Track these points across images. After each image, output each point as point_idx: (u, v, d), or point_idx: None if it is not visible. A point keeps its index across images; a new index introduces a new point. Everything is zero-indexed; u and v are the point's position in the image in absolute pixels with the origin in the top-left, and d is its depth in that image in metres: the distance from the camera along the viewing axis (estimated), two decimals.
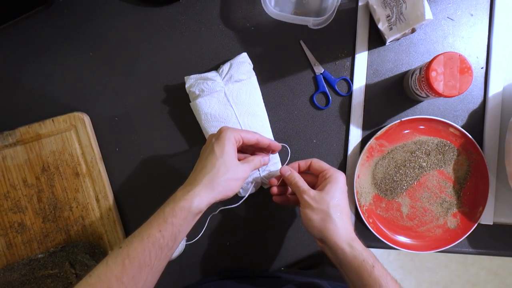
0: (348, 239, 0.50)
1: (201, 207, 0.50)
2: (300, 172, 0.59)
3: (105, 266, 0.45)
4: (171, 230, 0.47)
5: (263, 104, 0.65)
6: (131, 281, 0.45)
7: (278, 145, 0.59)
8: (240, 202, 0.61)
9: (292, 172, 0.57)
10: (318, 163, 0.58)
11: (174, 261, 0.65)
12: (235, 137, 0.53)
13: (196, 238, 0.63)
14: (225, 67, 0.63)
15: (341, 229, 0.51)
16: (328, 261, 0.83)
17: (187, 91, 0.64)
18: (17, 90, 0.67)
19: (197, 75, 0.63)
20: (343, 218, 0.52)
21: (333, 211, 0.52)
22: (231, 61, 0.63)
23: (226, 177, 0.51)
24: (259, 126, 0.64)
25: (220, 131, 0.53)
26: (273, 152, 0.60)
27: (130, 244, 0.46)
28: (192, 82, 0.63)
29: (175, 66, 0.67)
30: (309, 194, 0.54)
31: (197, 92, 0.62)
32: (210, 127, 0.63)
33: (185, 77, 0.64)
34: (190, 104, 0.64)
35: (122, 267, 0.45)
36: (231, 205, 0.61)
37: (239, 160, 0.54)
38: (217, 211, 0.64)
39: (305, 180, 0.57)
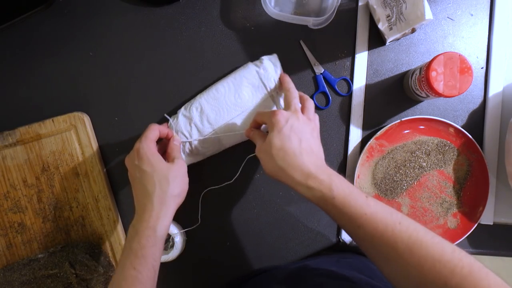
0: (301, 180, 0.47)
1: (166, 227, 0.51)
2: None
3: None
4: (145, 262, 0.48)
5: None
6: None
7: (170, 132, 0.60)
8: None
9: (250, 130, 0.58)
10: (261, 115, 0.55)
11: (174, 262, 0.65)
12: (151, 145, 0.53)
13: (198, 223, 0.63)
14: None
15: (292, 172, 0.48)
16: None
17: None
18: (17, 90, 0.67)
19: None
20: (290, 159, 0.48)
21: (277, 158, 0.49)
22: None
23: (171, 186, 0.52)
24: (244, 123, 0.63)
25: (136, 149, 0.53)
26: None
27: None
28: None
29: (175, 66, 0.67)
30: (257, 146, 0.53)
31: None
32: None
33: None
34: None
35: None
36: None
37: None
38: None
39: None
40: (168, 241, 0.64)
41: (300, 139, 0.50)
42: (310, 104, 0.56)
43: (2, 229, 0.64)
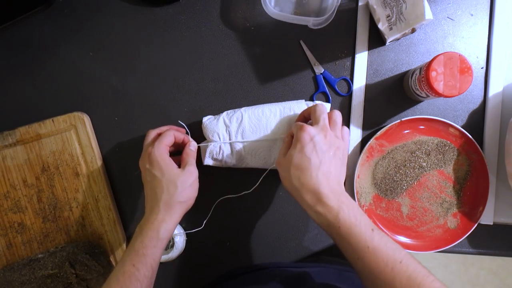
0: (311, 204, 0.48)
1: (169, 231, 0.52)
2: None
3: None
4: (145, 261, 0.49)
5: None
6: None
7: (186, 137, 0.60)
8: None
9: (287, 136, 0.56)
10: (294, 128, 0.53)
11: (174, 262, 0.65)
12: (163, 150, 0.55)
13: (201, 227, 0.63)
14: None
15: (304, 194, 0.48)
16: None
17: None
18: (17, 90, 0.67)
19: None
20: (305, 180, 0.48)
21: (293, 176, 0.49)
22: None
23: (179, 192, 0.53)
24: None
25: (148, 153, 0.54)
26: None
27: (108, 286, 0.48)
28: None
29: (175, 66, 0.67)
30: (277, 159, 0.53)
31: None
32: None
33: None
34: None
35: None
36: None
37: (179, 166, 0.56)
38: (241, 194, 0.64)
39: None
40: (168, 241, 0.64)
41: (320, 161, 0.49)
42: (338, 116, 0.54)
43: (2, 229, 0.64)
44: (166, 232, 0.51)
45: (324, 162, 0.49)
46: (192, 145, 0.59)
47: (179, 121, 0.63)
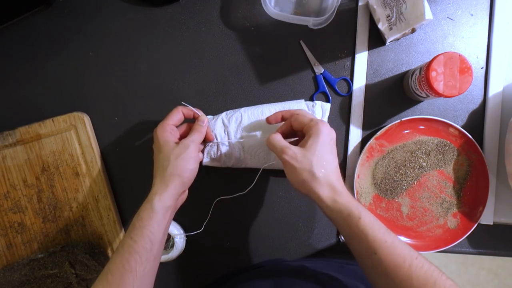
0: (332, 195, 0.48)
1: (163, 203, 0.52)
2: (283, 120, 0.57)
3: (92, 287, 0.49)
4: (141, 233, 0.50)
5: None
6: None
7: (197, 110, 0.60)
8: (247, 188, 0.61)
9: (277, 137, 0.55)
10: (299, 119, 0.54)
11: (174, 262, 0.65)
12: (165, 129, 0.56)
13: (200, 230, 0.63)
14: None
15: (325, 186, 0.49)
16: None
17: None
18: (17, 90, 0.67)
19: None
20: (328, 173, 0.49)
21: (316, 169, 0.49)
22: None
23: (171, 165, 0.53)
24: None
25: (154, 134, 0.57)
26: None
27: (111, 260, 0.50)
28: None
29: (175, 66, 0.67)
30: (288, 153, 0.51)
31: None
32: None
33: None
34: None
35: (106, 282, 0.48)
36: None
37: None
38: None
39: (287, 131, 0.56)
40: (169, 241, 0.64)
41: (336, 157, 0.52)
42: None
43: (2, 229, 0.64)
44: (159, 204, 0.52)
45: (336, 159, 0.52)
46: (201, 120, 0.59)
47: (183, 102, 0.61)
